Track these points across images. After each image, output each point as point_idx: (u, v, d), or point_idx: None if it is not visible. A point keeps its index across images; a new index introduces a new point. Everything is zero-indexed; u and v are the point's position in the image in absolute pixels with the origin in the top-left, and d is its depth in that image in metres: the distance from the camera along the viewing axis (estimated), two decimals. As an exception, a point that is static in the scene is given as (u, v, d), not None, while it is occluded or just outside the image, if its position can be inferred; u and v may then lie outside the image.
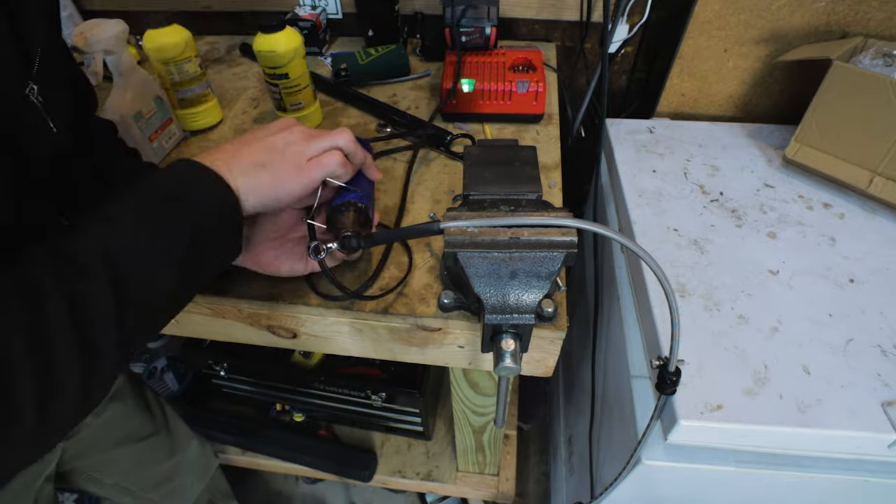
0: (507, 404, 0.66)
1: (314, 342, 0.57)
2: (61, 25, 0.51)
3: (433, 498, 1.28)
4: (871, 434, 0.49)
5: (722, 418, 0.51)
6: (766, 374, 0.54)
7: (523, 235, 0.42)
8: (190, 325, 0.59)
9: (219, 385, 1.10)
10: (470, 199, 0.47)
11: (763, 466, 0.54)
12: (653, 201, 0.75)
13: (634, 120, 0.92)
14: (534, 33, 1.00)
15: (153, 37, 0.68)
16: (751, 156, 0.83)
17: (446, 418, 1.11)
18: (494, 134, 0.77)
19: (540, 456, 1.38)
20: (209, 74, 0.82)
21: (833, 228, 0.70)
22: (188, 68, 0.72)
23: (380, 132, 0.78)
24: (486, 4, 0.80)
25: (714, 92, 0.93)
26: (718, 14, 0.83)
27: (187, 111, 0.76)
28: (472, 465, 1.01)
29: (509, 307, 0.42)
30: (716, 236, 0.69)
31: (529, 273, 0.42)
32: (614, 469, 0.60)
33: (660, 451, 0.56)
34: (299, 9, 0.99)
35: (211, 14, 1.06)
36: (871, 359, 0.55)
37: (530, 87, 0.74)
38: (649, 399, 0.59)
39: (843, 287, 0.62)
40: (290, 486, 1.37)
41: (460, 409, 0.79)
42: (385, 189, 0.67)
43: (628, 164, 0.82)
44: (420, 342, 0.54)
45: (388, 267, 0.56)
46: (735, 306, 0.61)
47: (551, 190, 0.66)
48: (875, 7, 0.78)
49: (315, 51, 0.97)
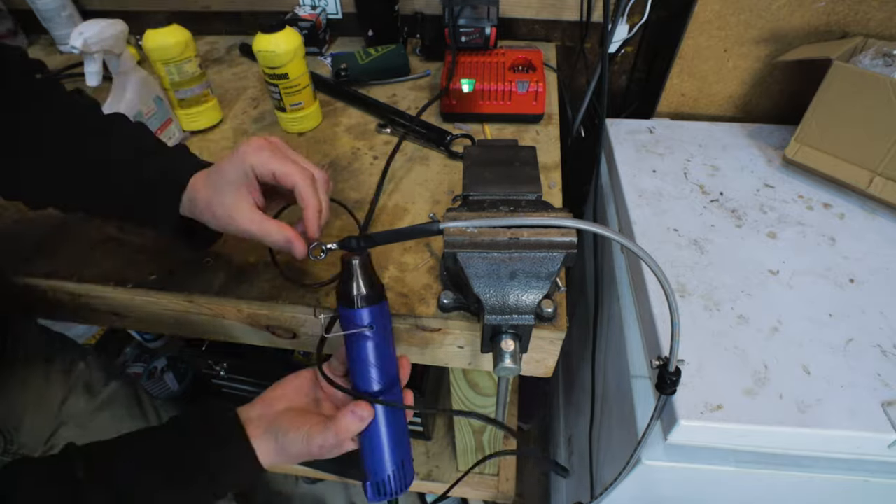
0: (507, 404, 0.66)
1: (314, 342, 0.57)
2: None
3: (433, 498, 1.28)
4: (871, 434, 0.49)
5: (722, 418, 0.51)
6: (766, 374, 0.54)
7: (523, 236, 0.42)
8: (190, 325, 0.59)
9: (219, 385, 1.10)
10: (470, 200, 0.47)
11: (763, 466, 0.54)
12: (653, 201, 0.75)
13: (634, 120, 0.92)
14: (534, 33, 1.00)
15: (153, 37, 0.68)
16: (751, 156, 0.83)
17: (446, 418, 1.11)
18: (494, 134, 0.77)
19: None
20: (209, 74, 0.82)
21: (833, 228, 0.70)
22: (188, 68, 0.72)
23: (380, 132, 0.78)
24: (486, 4, 0.80)
25: (714, 92, 0.93)
26: (718, 14, 0.83)
27: (187, 111, 0.76)
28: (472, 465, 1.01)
29: (509, 308, 0.42)
30: (716, 236, 0.69)
31: (529, 273, 0.42)
32: (614, 469, 0.60)
33: (660, 451, 0.56)
34: (299, 9, 0.99)
35: (211, 14, 1.06)
36: (871, 359, 0.55)
37: (530, 87, 0.74)
38: (649, 399, 0.59)
39: (843, 287, 0.62)
40: (290, 486, 1.37)
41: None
42: (385, 189, 0.67)
43: (628, 164, 0.82)
44: (420, 342, 0.54)
45: (388, 266, 0.56)
46: (735, 306, 0.60)
47: (551, 190, 0.66)
48: (875, 7, 0.78)
49: (315, 51, 0.97)
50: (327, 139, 0.77)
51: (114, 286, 0.55)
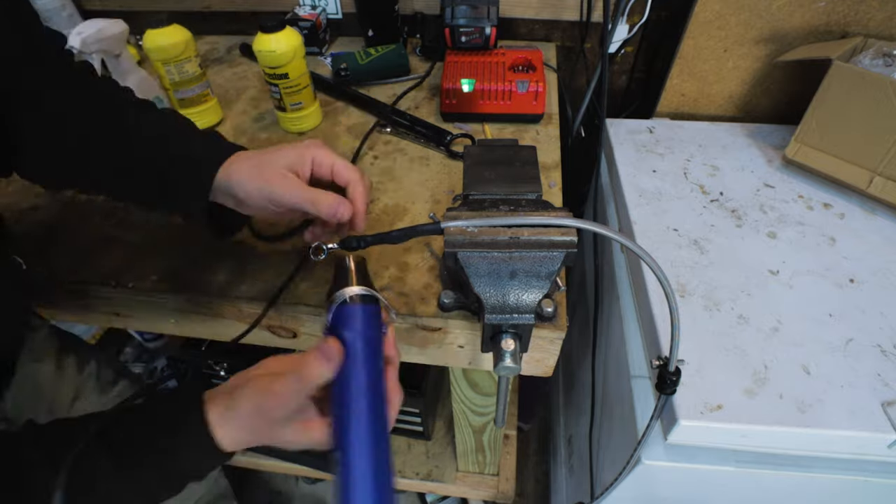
0: (507, 404, 0.66)
1: (314, 342, 0.57)
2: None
3: (433, 498, 1.28)
4: (871, 434, 0.49)
5: (722, 418, 0.51)
6: (766, 374, 0.54)
7: (523, 235, 0.42)
8: (190, 325, 0.59)
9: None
10: (470, 199, 0.47)
11: (763, 466, 0.54)
12: (653, 201, 0.75)
13: (634, 120, 0.92)
14: (534, 33, 1.00)
15: (153, 37, 0.68)
16: (751, 156, 0.83)
17: (446, 418, 1.11)
18: (494, 134, 0.77)
19: (540, 456, 1.38)
20: (209, 74, 0.82)
21: (833, 228, 0.70)
22: (188, 68, 0.72)
23: (380, 132, 0.78)
24: (486, 4, 0.80)
25: (714, 92, 0.93)
26: (718, 14, 0.83)
27: (187, 111, 0.76)
28: (472, 465, 1.01)
29: (509, 307, 0.42)
30: (716, 236, 0.69)
31: (529, 273, 0.42)
32: (614, 469, 0.60)
33: (660, 451, 0.56)
34: (299, 9, 0.99)
35: (211, 14, 1.06)
36: (871, 359, 0.55)
37: (530, 87, 0.74)
38: (649, 399, 0.59)
39: (843, 287, 0.62)
40: (290, 486, 1.37)
41: (460, 409, 0.79)
42: (385, 189, 0.67)
43: (628, 164, 0.82)
44: (420, 342, 0.54)
45: (389, 266, 0.56)
46: (735, 306, 0.60)
47: (551, 190, 0.66)
48: (875, 7, 0.78)
49: (315, 51, 0.97)
50: (327, 139, 0.77)
51: (114, 286, 0.55)
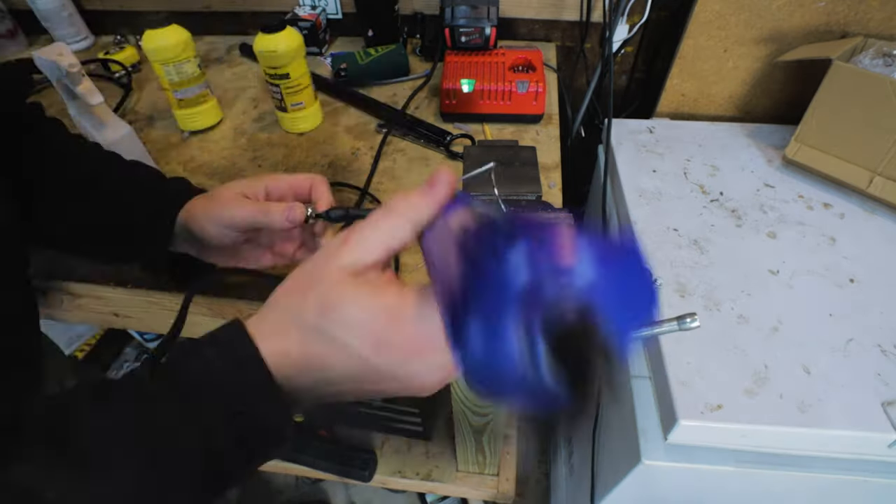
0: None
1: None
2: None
3: (433, 498, 1.28)
4: (871, 434, 0.49)
5: (722, 418, 0.51)
6: (767, 373, 0.54)
7: (523, 235, 0.42)
8: (190, 325, 0.59)
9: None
10: (470, 199, 0.47)
11: (763, 466, 0.54)
12: (653, 201, 0.75)
13: (634, 120, 0.92)
14: (534, 33, 1.00)
15: (152, 37, 0.68)
16: (751, 156, 0.83)
17: (446, 418, 1.11)
18: (494, 134, 0.77)
19: (540, 456, 1.38)
20: (209, 74, 0.82)
21: (833, 228, 0.70)
22: (187, 68, 0.72)
23: (380, 132, 0.78)
24: (485, 4, 0.80)
25: (714, 92, 0.93)
26: (718, 14, 0.83)
27: (186, 111, 0.76)
28: (472, 465, 1.01)
29: (509, 307, 0.42)
30: (716, 236, 0.69)
31: (529, 273, 0.42)
32: (614, 469, 0.60)
33: (660, 451, 0.56)
34: (299, 9, 0.99)
35: (211, 14, 1.06)
36: (871, 359, 0.55)
37: (530, 87, 0.74)
38: (649, 399, 0.59)
39: (843, 287, 0.62)
40: (290, 486, 1.37)
41: (460, 409, 0.79)
42: (385, 189, 0.67)
43: (628, 164, 0.82)
44: (420, 342, 0.54)
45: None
46: (735, 306, 0.60)
47: (551, 190, 0.66)
48: (875, 7, 0.78)
49: (315, 51, 0.97)
50: (327, 139, 0.77)
51: (114, 286, 0.55)
